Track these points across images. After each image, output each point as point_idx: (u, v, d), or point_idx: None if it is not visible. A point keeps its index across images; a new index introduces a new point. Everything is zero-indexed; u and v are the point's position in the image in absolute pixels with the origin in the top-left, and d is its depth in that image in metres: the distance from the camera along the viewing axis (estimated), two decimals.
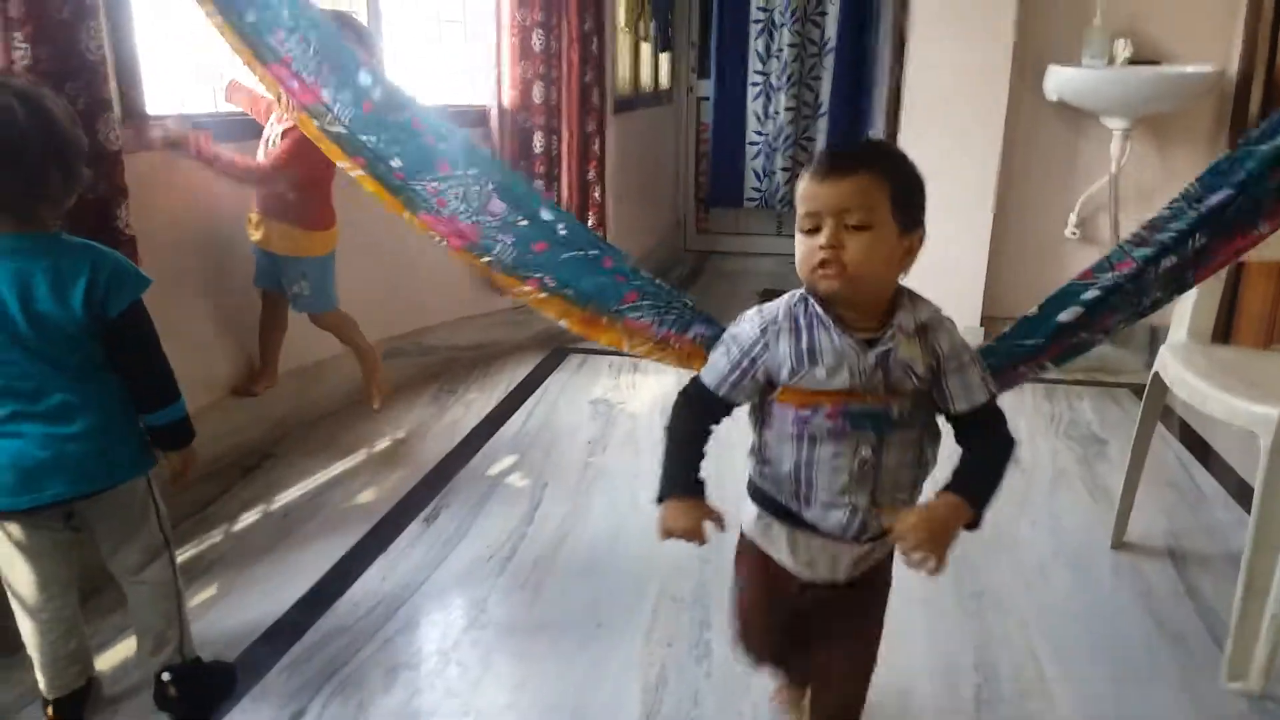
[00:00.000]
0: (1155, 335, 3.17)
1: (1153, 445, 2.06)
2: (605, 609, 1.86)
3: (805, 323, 1.11)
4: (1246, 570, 1.60)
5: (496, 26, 3.24)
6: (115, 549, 1.46)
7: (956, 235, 3.25)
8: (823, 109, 5.03)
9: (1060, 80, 3.21)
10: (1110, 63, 3.21)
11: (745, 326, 1.15)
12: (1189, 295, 2.02)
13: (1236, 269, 2.95)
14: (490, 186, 1.52)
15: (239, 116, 2.48)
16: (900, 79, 3.37)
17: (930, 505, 1.09)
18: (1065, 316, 1.36)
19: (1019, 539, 2.15)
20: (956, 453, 1.15)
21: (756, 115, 5.09)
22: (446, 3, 3.41)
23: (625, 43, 4.42)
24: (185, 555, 2.01)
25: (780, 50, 4.95)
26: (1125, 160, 3.21)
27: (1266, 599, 1.58)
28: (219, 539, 2.10)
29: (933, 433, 1.17)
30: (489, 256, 1.50)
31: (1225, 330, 3.03)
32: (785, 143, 5.07)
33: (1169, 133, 3.32)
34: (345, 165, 1.59)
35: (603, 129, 3.68)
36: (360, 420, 2.78)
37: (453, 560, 2.03)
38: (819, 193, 1.06)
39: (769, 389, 1.14)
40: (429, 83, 3.34)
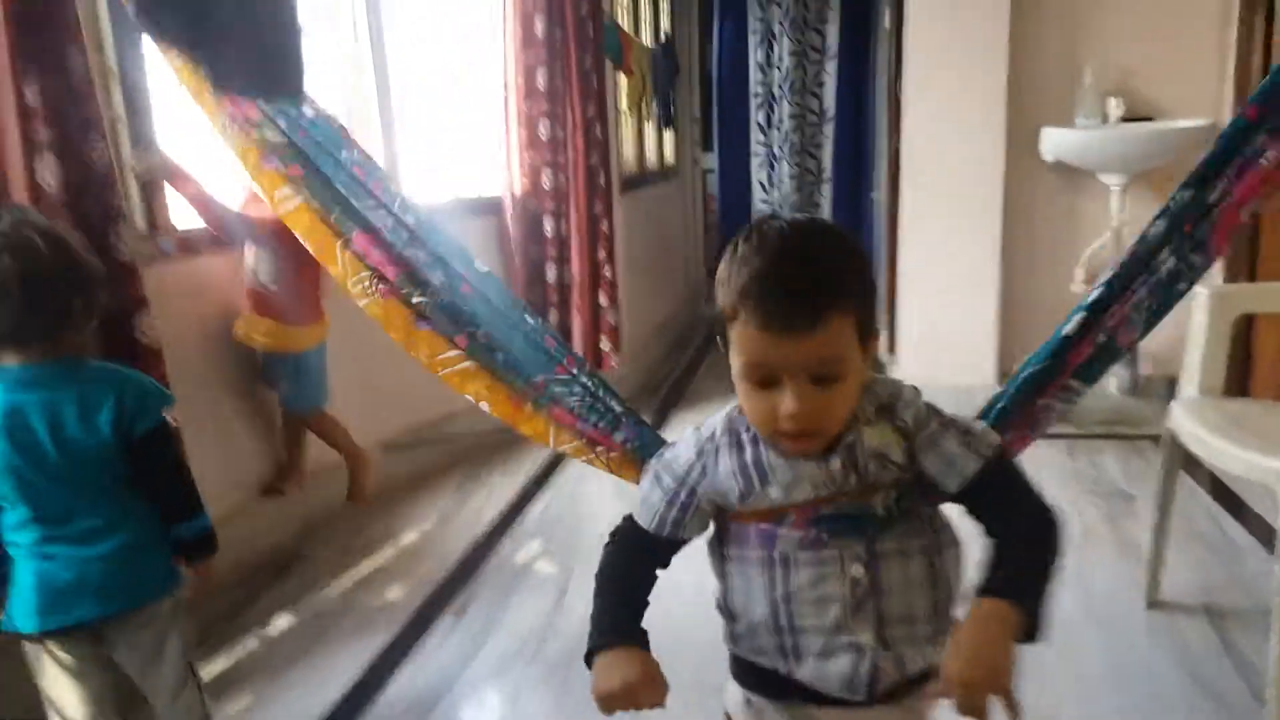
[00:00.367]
0: (1175, 387, 3.17)
1: (1182, 499, 2.04)
2: None
3: (749, 437, 0.93)
4: (1278, 621, 1.58)
5: (505, 118, 3.36)
6: (142, 671, 1.46)
7: (965, 297, 3.30)
8: (826, 175, 5.13)
9: (1056, 141, 3.28)
10: (1104, 121, 3.28)
11: (680, 449, 0.98)
12: (1196, 349, 2.04)
13: (1248, 322, 2.95)
14: (423, 226, 1.48)
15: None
16: (898, 145, 3.45)
17: (965, 625, 0.83)
18: (1069, 328, 1.31)
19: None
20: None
21: (762, 184, 5.20)
22: (455, 98, 3.53)
23: (629, 124, 4.55)
24: (220, 663, 2.03)
25: (781, 121, 5.07)
26: (1126, 214, 3.25)
27: None
28: (254, 645, 2.12)
29: (945, 537, 0.95)
30: (421, 298, 1.45)
31: (1241, 384, 3.02)
32: (791, 209, 5.16)
33: (1167, 185, 3.34)
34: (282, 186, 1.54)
35: (610, 209, 3.77)
36: (386, 513, 2.81)
37: (484, 654, 2.04)
38: (774, 349, 0.83)
39: (720, 515, 0.97)
40: (441, 176, 3.45)
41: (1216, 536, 2.44)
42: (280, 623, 2.22)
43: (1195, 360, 2.03)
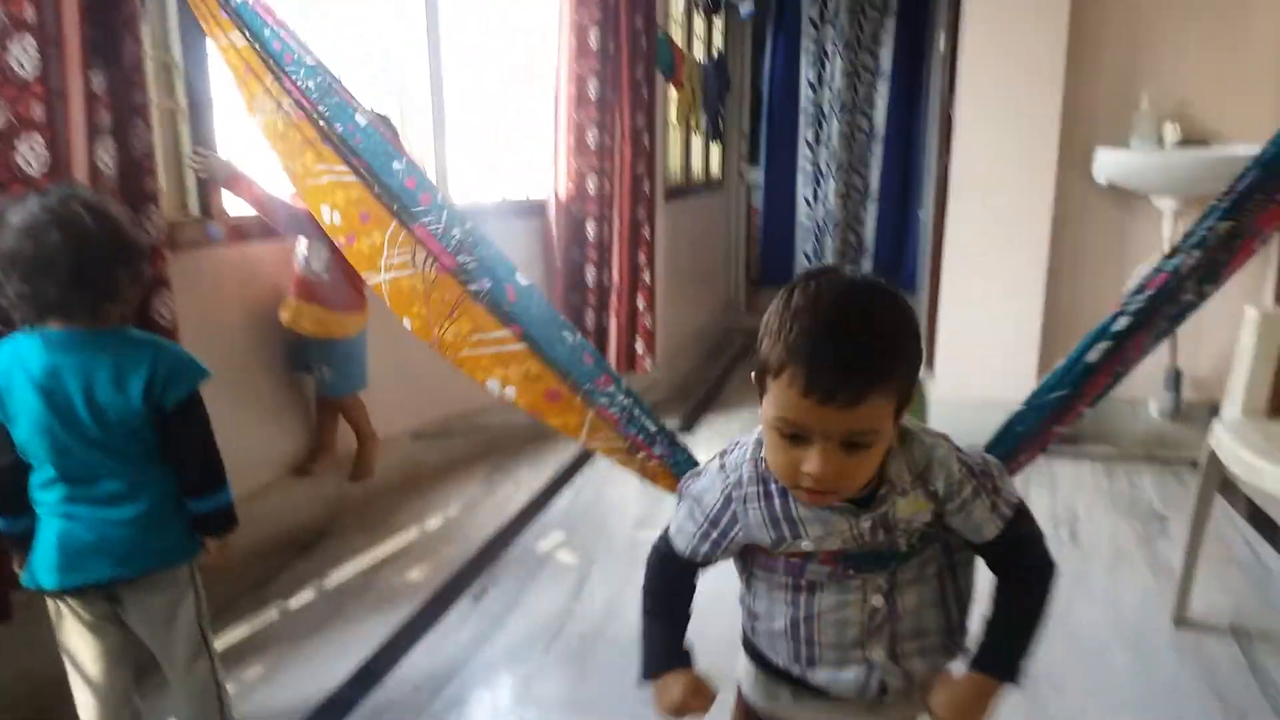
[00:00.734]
0: (1215, 411, 3.09)
1: (1217, 521, 2.01)
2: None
3: (778, 488, 0.95)
4: None
5: (555, 124, 3.41)
6: (153, 636, 1.48)
7: (1008, 316, 3.24)
8: (873, 192, 5.11)
9: (1109, 163, 3.22)
10: (1160, 145, 3.22)
11: (706, 483, 1.00)
12: (1242, 371, 2.00)
13: None
14: (470, 236, 1.47)
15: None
16: (948, 164, 3.42)
17: (956, 685, 0.98)
18: (1093, 355, 1.29)
19: (1077, 618, 2.09)
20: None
21: (806, 200, 5.20)
22: (507, 102, 3.58)
23: (677, 136, 4.58)
24: (239, 632, 2.06)
25: (829, 138, 5.08)
26: (1176, 238, 3.18)
27: None
28: (274, 616, 2.15)
29: (959, 557, 1.02)
30: (474, 285, 1.45)
31: None
32: (834, 228, 5.15)
33: None
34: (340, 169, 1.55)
35: (652, 216, 3.79)
36: (414, 498, 2.83)
37: (500, 637, 2.05)
38: (809, 414, 0.83)
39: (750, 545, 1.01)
40: (489, 178, 3.50)
41: (1249, 559, 2.39)
42: (302, 596, 2.25)
43: (1240, 381, 1.99)
